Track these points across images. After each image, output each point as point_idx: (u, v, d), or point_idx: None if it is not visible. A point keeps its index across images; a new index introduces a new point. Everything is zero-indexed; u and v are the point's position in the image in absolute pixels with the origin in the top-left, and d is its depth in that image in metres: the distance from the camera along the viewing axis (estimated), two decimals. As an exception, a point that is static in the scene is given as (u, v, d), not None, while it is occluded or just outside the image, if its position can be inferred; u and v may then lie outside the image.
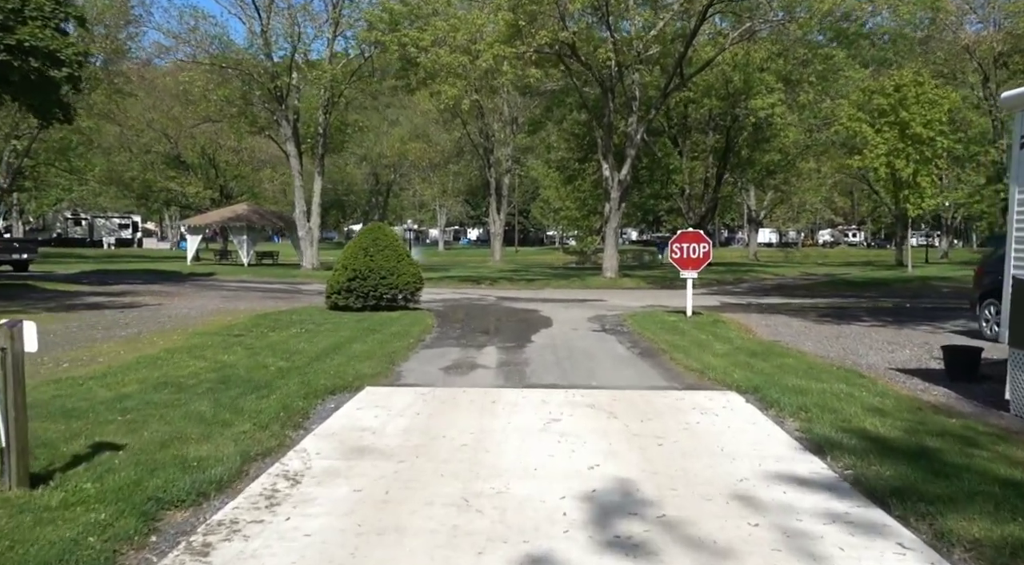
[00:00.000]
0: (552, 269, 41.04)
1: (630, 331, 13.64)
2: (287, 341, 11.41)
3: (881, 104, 31.12)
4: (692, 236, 14.93)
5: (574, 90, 34.37)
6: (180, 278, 29.43)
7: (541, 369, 9.68)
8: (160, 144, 59.86)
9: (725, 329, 13.57)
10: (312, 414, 7.01)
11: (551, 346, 11.77)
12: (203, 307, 17.58)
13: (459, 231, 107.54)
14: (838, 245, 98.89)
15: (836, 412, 6.91)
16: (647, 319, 15.04)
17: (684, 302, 18.79)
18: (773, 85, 34.95)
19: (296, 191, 32.41)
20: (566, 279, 28.98)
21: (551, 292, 24.49)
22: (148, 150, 60.58)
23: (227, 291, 23.09)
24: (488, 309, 18.01)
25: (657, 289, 26.71)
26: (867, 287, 26.19)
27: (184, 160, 61.94)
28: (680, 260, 14.98)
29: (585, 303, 20.32)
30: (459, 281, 28.05)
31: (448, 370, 9.61)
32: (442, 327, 14.20)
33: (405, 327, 13.38)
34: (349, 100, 34.49)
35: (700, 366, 9.47)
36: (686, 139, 44.39)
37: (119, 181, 61.68)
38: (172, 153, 60.99)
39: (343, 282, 15.85)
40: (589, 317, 16.30)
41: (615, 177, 27.85)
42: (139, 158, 59.68)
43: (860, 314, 17.47)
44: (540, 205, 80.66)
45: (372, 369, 9.18)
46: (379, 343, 11.36)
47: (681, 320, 14.59)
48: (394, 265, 15.98)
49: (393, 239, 16.42)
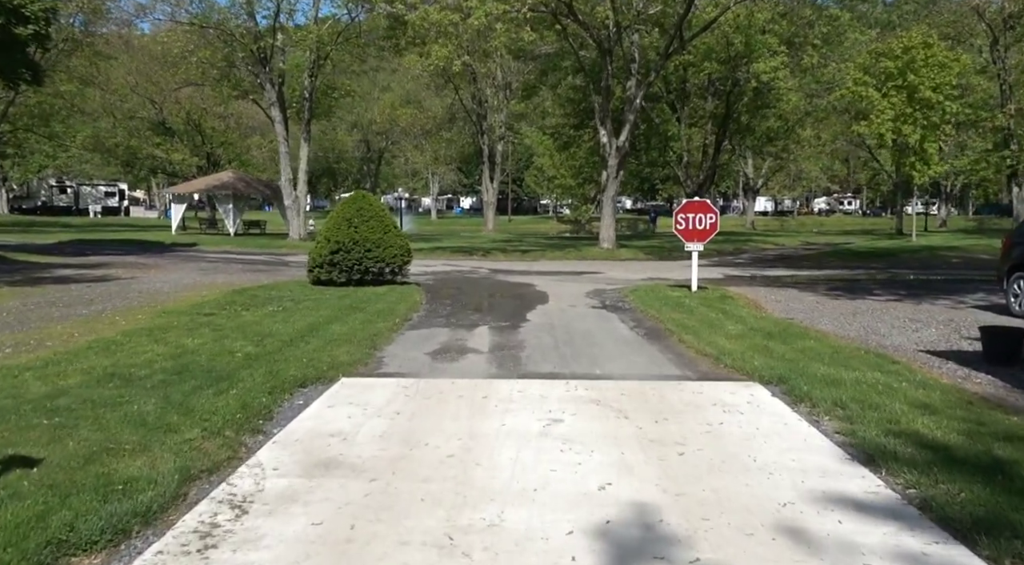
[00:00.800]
0: (547, 239, 40.05)
1: (632, 308, 12.72)
2: (261, 321, 10.45)
3: (888, 67, 30.03)
4: (698, 206, 13.95)
5: (570, 53, 33.10)
6: (161, 249, 28.37)
7: (538, 354, 8.75)
8: (144, 110, 58.21)
9: (734, 306, 12.66)
10: (276, 413, 6.07)
11: (548, 326, 10.84)
12: (178, 281, 16.58)
13: (452, 200, 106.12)
14: (834, 213, 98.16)
15: (879, 409, 6.01)
16: (650, 294, 14.11)
17: (686, 275, 17.88)
18: (776, 48, 33.72)
19: (282, 158, 31.21)
20: (561, 250, 28.02)
21: (546, 264, 23.54)
22: (132, 116, 58.93)
23: (207, 263, 22.07)
24: (480, 283, 17.06)
25: (656, 260, 25.78)
26: (873, 258, 25.31)
27: (169, 126, 60.33)
28: (685, 231, 14.02)
29: (582, 276, 19.39)
30: (451, 252, 27.07)
31: (435, 356, 8.68)
32: (431, 304, 13.25)
33: (391, 304, 12.43)
34: (336, 63, 33.13)
35: (714, 351, 8.56)
36: (684, 105, 43.11)
37: (103, 148, 60.11)
38: (157, 119, 59.37)
39: (325, 255, 14.86)
40: (587, 292, 15.37)
41: (613, 143, 26.76)
42: (123, 124, 58.09)
43: (872, 287, 16.59)
44: (534, 173, 79.25)
45: (350, 355, 8.24)
46: (361, 323, 10.42)
47: (686, 295, 13.67)
48: (380, 237, 14.98)
49: (379, 209, 15.39)
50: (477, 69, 47.88)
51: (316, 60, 30.16)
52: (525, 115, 54.28)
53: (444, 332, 10.30)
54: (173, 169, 61.80)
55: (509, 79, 50.37)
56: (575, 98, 38.28)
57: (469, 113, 50.62)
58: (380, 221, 15.16)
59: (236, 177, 42.30)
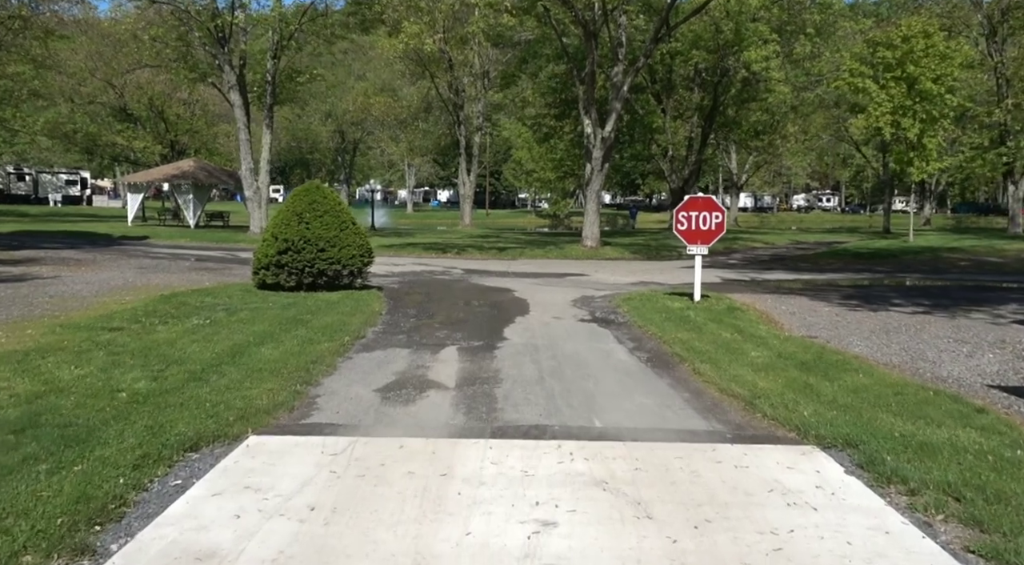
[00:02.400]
0: (525, 235, 38.15)
1: (628, 322, 10.86)
2: (175, 341, 8.45)
3: (886, 57, 28.38)
4: (702, 203, 12.10)
5: (551, 40, 31.22)
6: (108, 242, 26.10)
7: (519, 391, 6.85)
8: (105, 95, 55.52)
9: (747, 321, 10.84)
10: (134, 505, 4.13)
11: (530, 347, 8.95)
12: (105, 282, 14.48)
13: (429, 193, 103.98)
14: (812, 210, 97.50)
15: (1007, 501, 4.19)
16: (646, 304, 12.27)
17: (680, 279, 16.17)
18: (767, 36, 32.08)
19: (242, 145, 28.97)
20: (542, 248, 26.15)
21: (526, 263, 21.65)
22: (92, 101, 56.27)
23: (150, 260, 19.92)
24: (452, 287, 15.11)
25: (644, 260, 23.99)
26: (874, 260, 23.68)
27: (131, 112, 57.72)
28: (687, 232, 12.18)
29: (565, 279, 17.52)
30: (423, 249, 25.09)
31: (386, 393, 6.75)
32: (392, 315, 11.30)
33: (343, 316, 10.47)
34: (301, 45, 30.90)
35: (744, 390, 6.71)
36: (670, 97, 41.43)
37: (61, 134, 57.29)
38: (118, 104, 56.74)
39: (272, 255, 12.85)
40: (573, 299, 13.50)
41: (598, 134, 24.89)
42: (82, 109, 55.39)
43: (889, 295, 14.87)
44: (512, 167, 77.39)
45: (272, 396, 6.29)
46: (301, 343, 8.46)
47: (689, 307, 11.84)
48: (335, 235, 12.99)
49: (335, 203, 13.38)
50: (454, 57, 45.85)
51: (279, 41, 27.97)
52: (503, 106, 52.29)
53: (403, 356, 8.37)
54: (136, 157, 59.27)
55: (487, 67, 48.32)
56: (556, 87, 36.41)
57: (445, 102, 48.47)
58: (336, 217, 13.17)
59: (198, 166, 39.92)
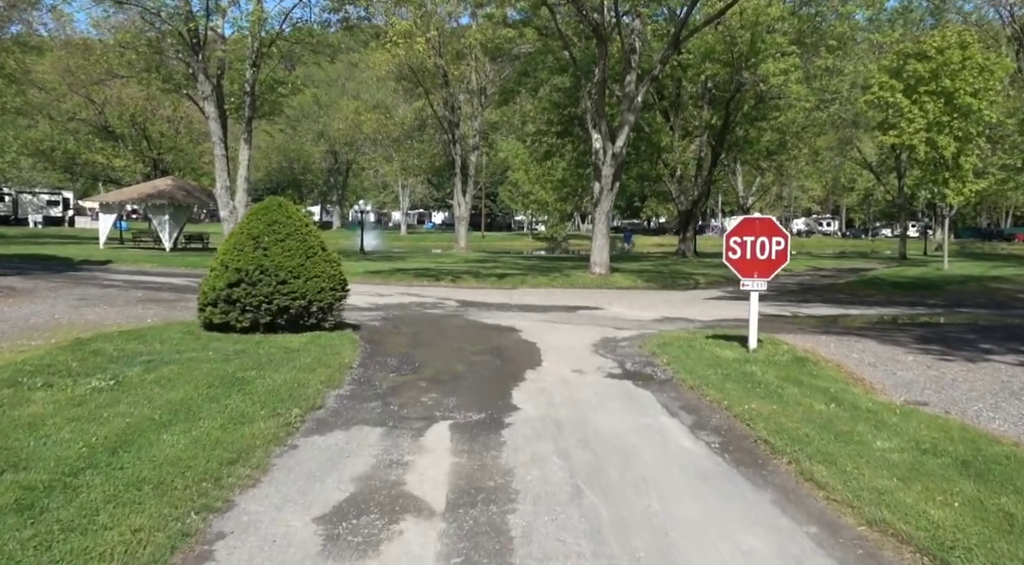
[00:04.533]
0: (524, 259, 35.66)
1: (674, 379, 8.32)
2: (46, 419, 5.88)
3: (917, 70, 26.12)
4: (760, 226, 9.59)
5: (553, 51, 28.97)
6: (65, 267, 23.51)
7: (546, 525, 4.30)
8: (85, 111, 53.27)
9: (827, 378, 8.31)
10: None
11: (552, 425, 6.40)
12: (26, 319, 11.90)
13: (424, 214, 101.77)
14: (812, 234, 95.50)
15: None
16: (688, 352, 9.73)
17: (710, 314, 13.79)
18: (786, 48, 29.88)
19: (217, 161, 26.46)
20: (545, 274, 23.62)
21: (529, 293, 19.12)
22: (72, 117, 54.01)
23: (99, 289, 17.32)
24: (446, 326, 12.55)
25: (660, 290, 21.48)
26: (918, 291, 21.21)
27: (113, 129, 55.45)
28: (741, 262, 9.68)
29: (578, 313, 14.98)
30: (414, 276, 22.53)
31: (334, 530, 4.19)
32: (366, 368, 8.74)
33: (299, 372, 7.91)
34: (284, 52, 28.54)
35: (910, 525, 4.17)
36: (678, 114, 39.18)
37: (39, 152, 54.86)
38: (99, 122, 54.52)
39: (221, 289, 10.31)
40: (594, 343, 10.96)
41: (608, 150, 22.48)
42: (59, 126, 53.06)
43: (970, 338, 12.34)
44: (508, 188, 75.14)
45: (133, 548, 3.73)
46: (227, 422, 5.91)
47: (747, 358, 9.30)
48: (300, 263, 10.46)
49: (300, 224, 10.86)
50: (449, 72, 43.70)
51: (259, 47, 25.61)
52: (501, 124, 50.10)
53: (371, 441, 5.82)
54: (117, 176, 56.90)
55: (484, 84, 46.19)
56: (559, 102, 34.08)
57: (440, 120, 46.18)
58: (301, 241, 10.65)
59: (176, 185, 37.43)
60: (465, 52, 43.00)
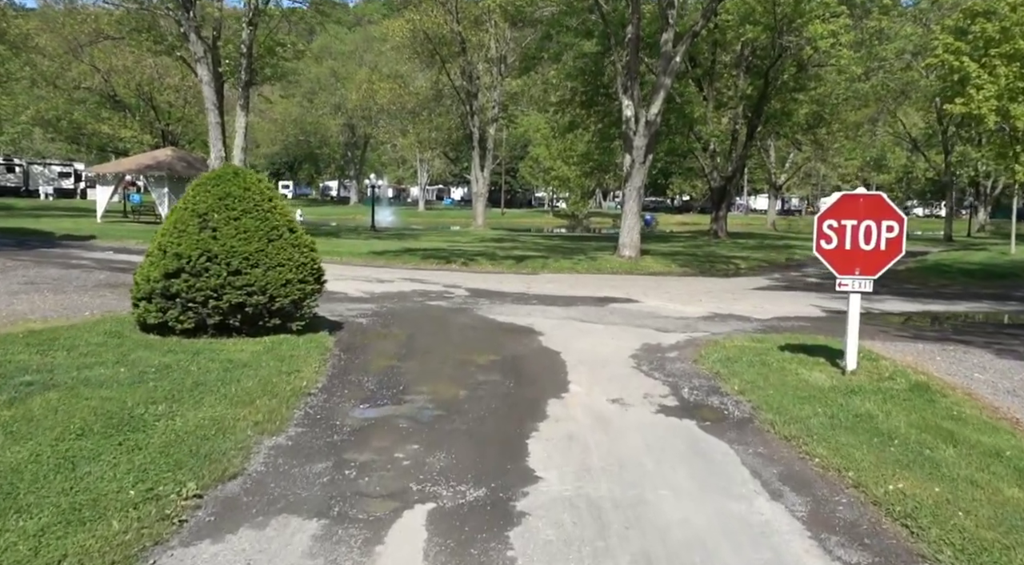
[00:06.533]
0: (545, 238, 33.25)
1: (756, 421, 5.92)
2: None
3: (986, 30, 23.22)
4: (865, 206, 7.08)
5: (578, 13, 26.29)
6: (39, 243, 21.43)
7: None
8: (89, 79, 51.27)
9: (979, 423, 5.87)
10: None
11: (588, 518, 4.06)
12: (-67, 312, 9.72)
13: (443, 190, 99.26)
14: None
15: None
16: (763, 373, 7.31)
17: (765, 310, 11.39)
18: (835, 8, 26.97)
19: (211, 130, 24.17)
20: (568, 257, 21.20)
21: (551, 279, 16.73)
22: (77, 86, 52.05)
23: (61, 269, 15.14)
24: (448, 327, 10.19)
25: (698, 276, 19.03)
26: (992, 279, 18.59)
27: (119, 99, 53.53)
28: (836, 254, 7.20)
29: (609, 307, 12.57)
30: (422, 257, 20.18)
31: None
32: (328, 396, 6.40)
33: (227, 409, 5.60)
34: (286, 13, 26.09)
35: None
36: (712, 83, 36.32)
37: (43, 122, 53.07)
38: (105, 91, 52.60)
39: (156, 279, 8.02)
40: (634, 353, 8.58)
41: (641, 117, 19.92)
42: (66, 95, 51.20)
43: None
44: (529, 164, 72.47)
45: None
46: (51, 525, 3.62)
47: (846, 384, 6.86)
48: (259, 249, 8.15)
49: (261, 197, 8.51)
50: (467, 38, 41.07)
51: (255, 4, 23.20)
52: (521, 95, 47.43)
53: (297, 552, 3.51)
54: (124, 148, 54.99)
55: (504, 51, 43.46)
56: (585, 68, 31.39)
57: (458, 91, 43.58)
58: (262, 219, 8.32)
59: (176, 156, 35.19)
60: (484, 18, 40.43)
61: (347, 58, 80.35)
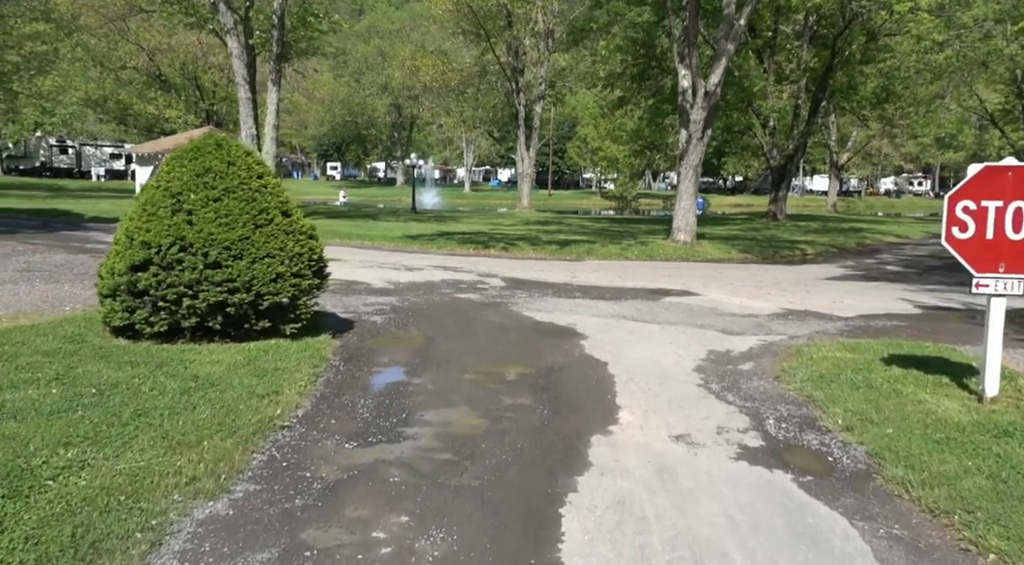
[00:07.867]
0: (592, 220, 31.55)
1: (878, 478, 4.30)
2: None
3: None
4: (1017, 182, 5.34)
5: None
6: (66, 225, 20.63)
7: None
8: (135, 58, 51.05)
9: None
10: None
11: None
12: None
13: (490, 172, 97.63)
14: (903, 194, 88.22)
15: None
16: (874, 399, 5.65)
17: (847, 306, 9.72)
18: (914, -29, 24.53)
19: (242, 106, 23.03)
20: (616, 241, 19.54)
21: (597, 267, 15.13)
22: (123, 66, 51.90)
23: (70, 254, 14.08)
24: (476, 327, 8.68)
25: (761, 263, 17.23)
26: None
27: (166, 79, 53.32)
28: (974, 245, 5.47)
29: (664, 301, 10.93)
30: (459, 242, 18.73)
31: None
32: (307, 430, 4.95)
33: (163, 456, 4.18)
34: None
35: None
36: (773, 55, 33.98)
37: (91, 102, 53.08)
38: (151, 70, 52.42)
39: (122, 272, 6.67)
40: (699, 365, 6.97)
41: (699, 88, 18.08)
42: (113, 75, 51.11)
43: None
44: (577, 144, 70.42)
45: None
46: None
47: (991, 417, 5.18)
48: (244, 236, 6.74)
49: (248, 175, 7.10)
50: (513, 11, 39.35)
51: (287, -29, 21.91)
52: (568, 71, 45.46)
53: None
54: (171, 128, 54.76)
55: (551, 25, 41.56)
56: (637, 39, 29.41)
57: (503, 67, 41.89)
58: (248, 200, 6.90)
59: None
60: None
61: (394, 37, 79.01)
